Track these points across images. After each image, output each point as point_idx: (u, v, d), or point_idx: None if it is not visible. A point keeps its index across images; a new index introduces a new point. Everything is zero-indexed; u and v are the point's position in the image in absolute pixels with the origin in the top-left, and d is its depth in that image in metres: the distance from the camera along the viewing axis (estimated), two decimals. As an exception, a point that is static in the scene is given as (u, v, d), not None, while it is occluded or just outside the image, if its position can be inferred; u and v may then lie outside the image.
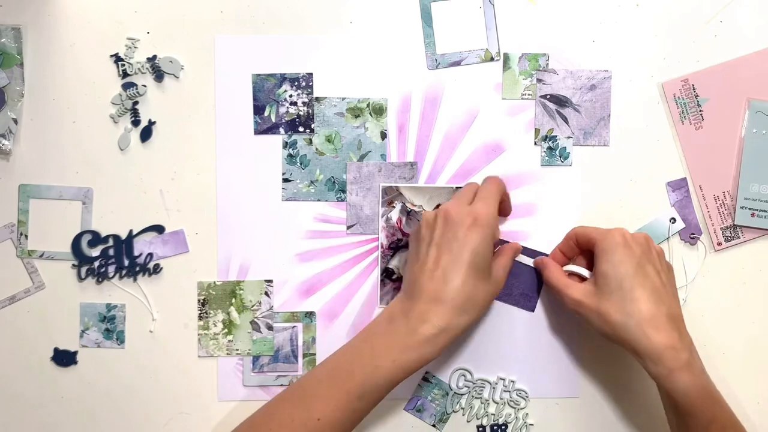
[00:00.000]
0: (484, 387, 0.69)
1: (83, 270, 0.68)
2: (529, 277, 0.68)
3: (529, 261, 0.68)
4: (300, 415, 0.58)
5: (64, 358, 0.68)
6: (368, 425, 0.68)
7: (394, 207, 0.68)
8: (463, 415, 0.69)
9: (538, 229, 0.69)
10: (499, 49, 0.68)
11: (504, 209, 0.66)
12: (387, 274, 0.68)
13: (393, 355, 0.57)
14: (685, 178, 0.69)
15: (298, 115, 0.68)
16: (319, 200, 0.68)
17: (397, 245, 0.68)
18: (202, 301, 0.68)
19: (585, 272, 0.63)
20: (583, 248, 0.65)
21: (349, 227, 0.69)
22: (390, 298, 0.68)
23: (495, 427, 0.69)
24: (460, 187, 0.68)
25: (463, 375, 0.69)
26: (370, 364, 0.57)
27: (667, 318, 0.58)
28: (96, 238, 0.68)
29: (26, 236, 0.68)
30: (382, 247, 0.68)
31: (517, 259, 0.67)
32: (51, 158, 0.68)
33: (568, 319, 0.68)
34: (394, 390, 0.69)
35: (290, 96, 0.68)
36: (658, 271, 0.60)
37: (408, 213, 0.68)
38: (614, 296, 0.59)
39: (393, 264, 0.68)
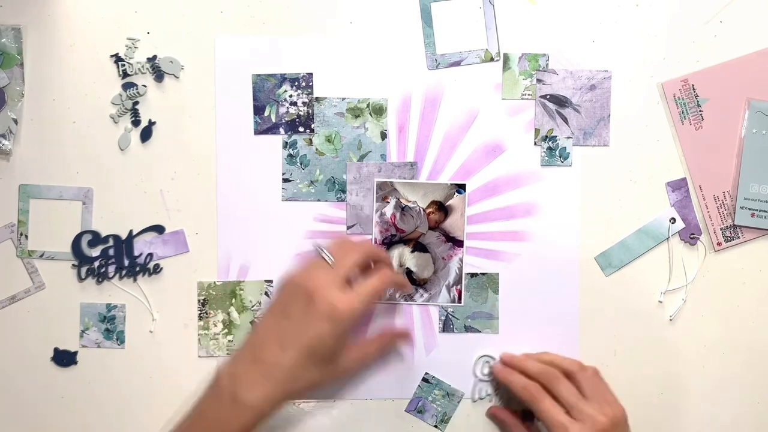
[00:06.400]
0: None
1: (83, 270, 0.68)
2: None
3: None
4: None
5: (64, 358, 0.68)
6: (369, 427, 0.68)
7: (389, 202, 0.68)
8: (490, 401, 0.68)
9: (538, 229, 0.69)
10: (499, 49, 0.68)
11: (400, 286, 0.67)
12: (387, 274, 0.69)
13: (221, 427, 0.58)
14: (685, 178, 0.69)
15: (298, 115, 0.68)
16: (319, 200, 0.68)
17: (391, 240, 0.68)
18: (202, 301, 0.68)
19: None
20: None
21: (349, 227, 0.69)
22: (388, 296, 0.68)
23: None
24: (458, 185, 0.68)
25: (488, 362, 0.68)
26: None
27: None
28: (96, 238, 0.68)
29: (26, 236, 0.68)
30: (375, 242, 0.68)
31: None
32: (51, 158, 0.68)
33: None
34: (393, 390, 0.69)
35: (290, 96, 0.68)
36: None
37: (402, 209, 0.68)
38: None
39: (393, 264, 0.68)
